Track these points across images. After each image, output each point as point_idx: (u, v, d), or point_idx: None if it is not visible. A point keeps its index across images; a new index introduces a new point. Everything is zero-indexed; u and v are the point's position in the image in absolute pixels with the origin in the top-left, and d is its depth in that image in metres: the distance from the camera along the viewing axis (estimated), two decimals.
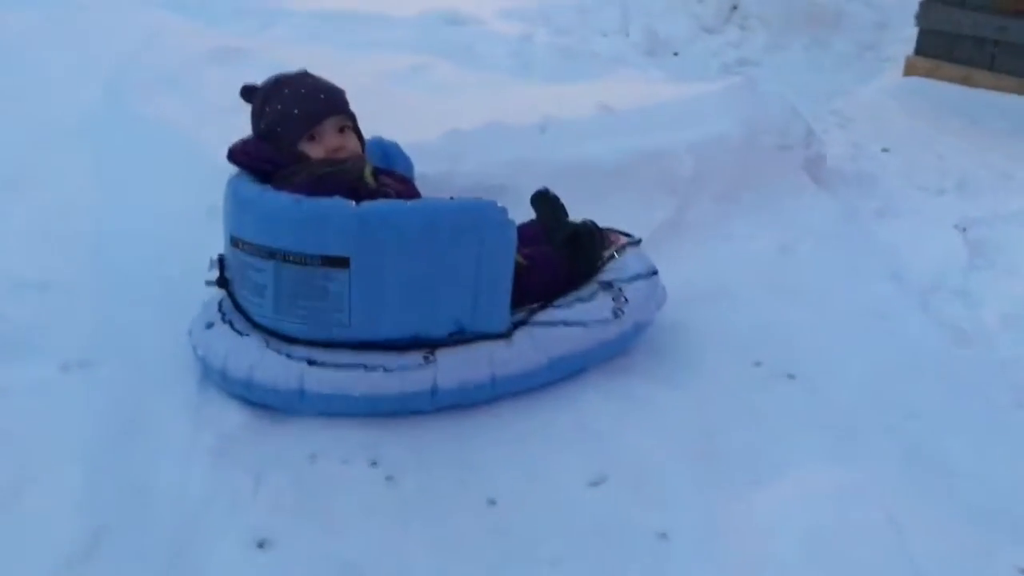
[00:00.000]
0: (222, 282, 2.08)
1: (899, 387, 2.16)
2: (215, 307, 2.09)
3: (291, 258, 1.91)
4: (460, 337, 2.00)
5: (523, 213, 2.38)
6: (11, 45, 3.89)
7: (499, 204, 1.99)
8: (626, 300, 2.17)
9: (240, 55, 4.19)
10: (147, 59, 3.96)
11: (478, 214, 1.96)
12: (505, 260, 2.01)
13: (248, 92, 2.16)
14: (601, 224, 2.46)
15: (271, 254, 1.93)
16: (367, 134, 2.57)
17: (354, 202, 1.92)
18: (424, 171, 2.71)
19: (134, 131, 3.22)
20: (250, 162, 2.08)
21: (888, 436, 1.98)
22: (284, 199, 1.93)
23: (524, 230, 2.27)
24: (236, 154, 2.11)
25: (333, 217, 1.89)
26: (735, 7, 5.78)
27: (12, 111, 3.27)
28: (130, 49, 4.06)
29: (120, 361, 2.11)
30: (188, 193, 2.73)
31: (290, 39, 4.93)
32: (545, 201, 2.34)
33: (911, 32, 5.20)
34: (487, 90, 3.80)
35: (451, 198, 2.15)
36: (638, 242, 2.40)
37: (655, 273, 2.30)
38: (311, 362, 1.93)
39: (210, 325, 2.05)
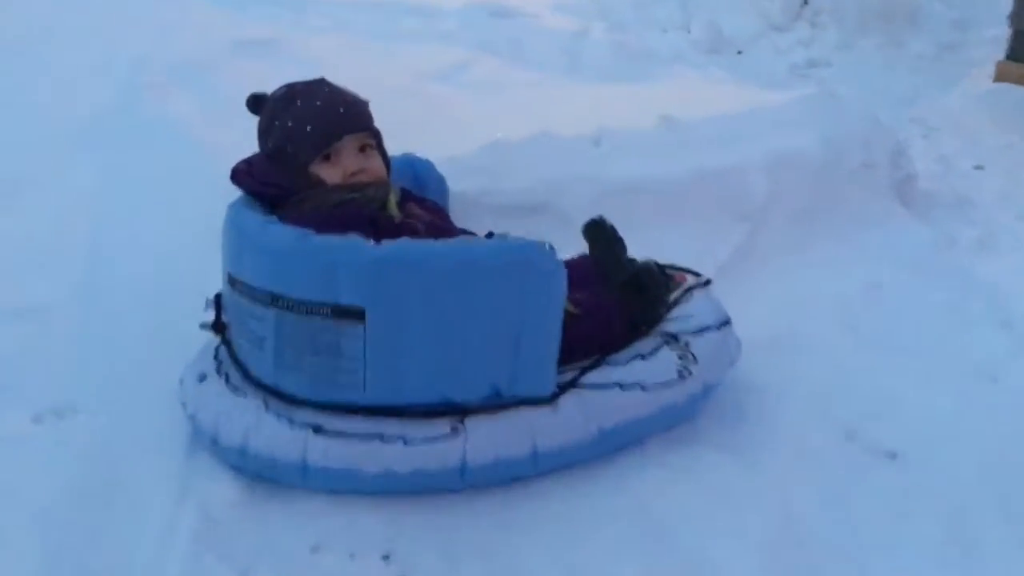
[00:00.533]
0: (219, 327, 1.77)
1: None
2: (211, 355, 1.79)
3: (295, 306, 1.60)
4: (496, 402, 1.67)
5: (572, 238, 2.06)
6: (19, 35, 3.61)
7: (547, 246, 1.66)
8: (694, 358, 1.83)
9: (268, 47, 3.92)
10: (166, 52, 3.68)
11: (521, 258, 1.63)
12: (552, 313, 1.67)
13: (255, 103, 1.84)
14: (662, 259, 2.13)
15: (272, 300, 1.62)
16: (400, 144, 2.25)
17: (372, 240, 1.60)
18: (462, 188, 2.40)
19: (146, 134, 2.93)
20: (254, 186, 1.77)
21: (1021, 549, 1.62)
22: (289, 234, 1.61)
23: (574, 267, 1.94)
24: (239, 175, 1.80)
25: (346, 259, 1.57)
26: (805, 2, 5.38)
27: (14, 110, 2.99)
28: (149, 40, 3.79)
29: (101, 411, 1.82)
30: (201, 208, 2.40)
31: (324, 29, 4.64)
32: (600, 232, 2.00)
33: (994, 32, 4.78)
34: (535, 92, 3.47)
35: (489, 234, 1.84)
36: (707, 283, 2.05)
37: (728, 323, 1.95)
38: (317, 430, 1.62)
39: (203, 377, 1.75)
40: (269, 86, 1.96)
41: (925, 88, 4.62)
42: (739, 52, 5.15)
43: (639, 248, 2.06)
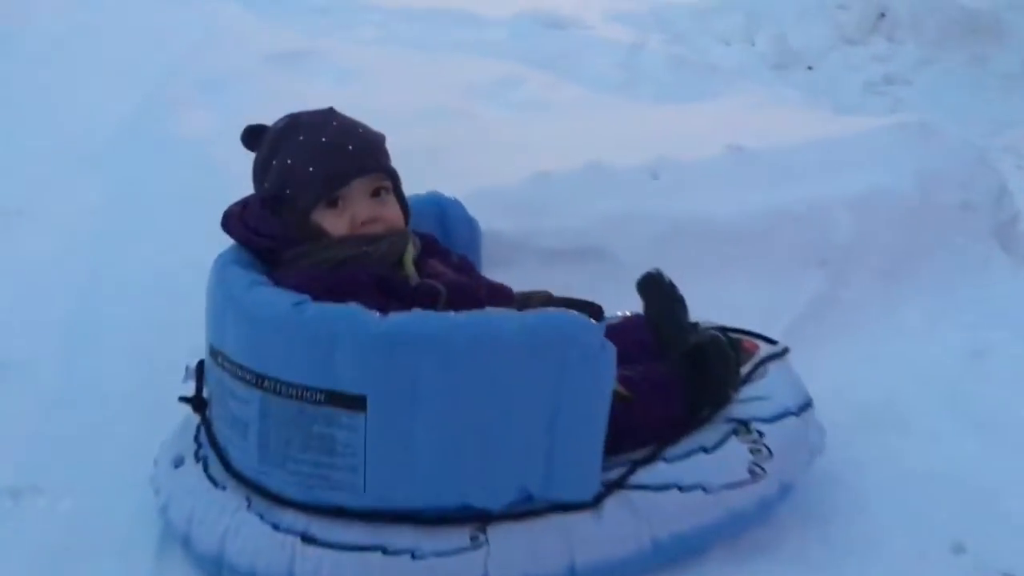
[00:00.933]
0: (199, 402, 1.50)
1: None
2: (191, 434, 1.51)
3: (284, 389, 1.31)
4: (526, 508, 1.37)
5: (625, 290, 1.75)
6: (43, 45, 3.41)
7: (591, 321, 1.36)
8: (768, 451, 1.51)
9: (306, 59, 3.69)
10: (195, 64, 3.47)
11: (559, 336, 1.33)
12: (596, 401, 1.37)
13: (252, 136, 1.56)
14: (727, 313, 1.83)
15: (257, 380, 1.34)
16: (437, 171, 1.99)
17: (379, 311, 1.31)
18: (500, 227, 2.12)
19: (161, 155, 2.70)
20: (247, 235, 1.50)
21: None
22: (279, 301, 1.33)
23: (626, 331, 1.64)
24: (231, 221, 1.53)
25: (345, 335, 1.28)
26: (882, 15, 4.99)
27: (24, 129, 2.77)
28: (181, 50, 3.57)
29: (66, 492, 1.58)
30: (211, 246, 2.17)
31: (368, 40, 4.41)
32: (658, 291, 1.69)
33: None
34: (586, 112, 3.17)
35: (524, 300, 1.54)
36: (783, 353, 1.73)
37: (809, 405, 1.63)
38: (306, 538, 1.33)
39: (179, 462, 1.48)
40: (301, 102, 1.67)
41: (1016, 111, 4.23)
42: (809, 68, 4.80)
43: (701, 301, 1.76)
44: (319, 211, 1.47)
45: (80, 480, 1.59)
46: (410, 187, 1.82)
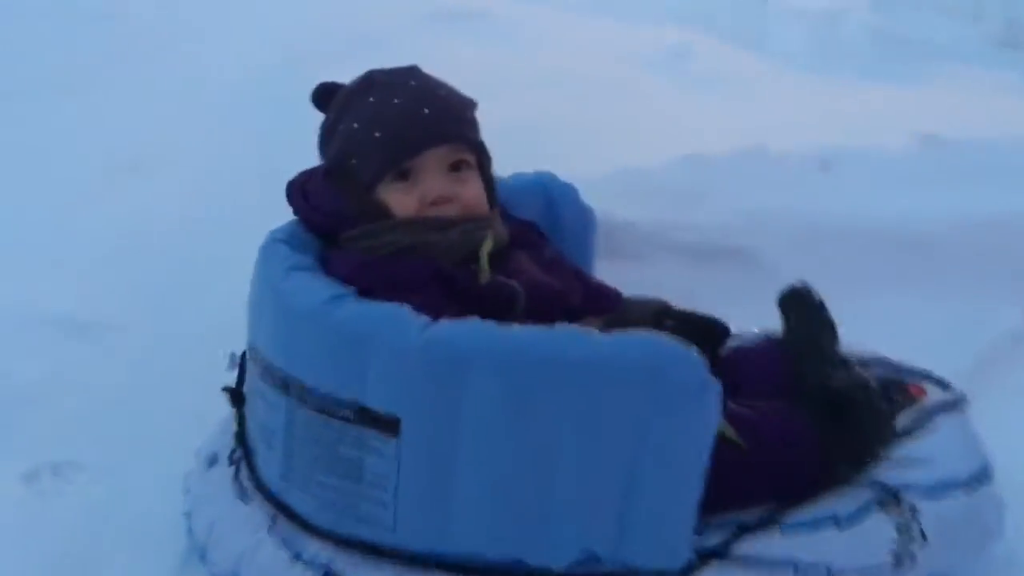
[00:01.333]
0: (237, 396, 1.31)
1: None
2: (232, 431, 1.34)
3: (310, 399, 1.11)
4: (592, 570, 1.11)
5: (769, 299, 1.43)
6: None
7: (694, 351, 1.07)
8: (922, 535, 1.18)
9: (465, 21, 3.50)
10: (354, 17, 3.33)
11: (647, 367, 1.05)
12: (690, 451, 1.08)
13: (323, 96, 1.36)
14: (893, 341, 1.49)
15: (284, 385, 1.14)
16: (568, 151, 1.75)
17: (430, 315, 1.08)
18: (634, 217, 1.88)
19: (297, 114, 2.55)
20: (306, 211, 1.30)
21: None
22: (315, 293, 1.12)
23: (756, 356, 1.34)
24: (294, 191, 1.33)
25: (380, 343, 1.05)
26: None
27: (160, 75, 2.72)
28: (339, 3, 3.46)
29: (105, 475, 1.45)
30: None
31: (540, 1, 4.16)
32: (802, 311, 1.36)
33: None
34: (761, 89, 2.83)
35: (627, 311, 1.28)
36: (959, 402, 1.37)
37: (986, 475, 1.27)
38: (328, 575, 1.13)
39: (213, 461, 1.31)
40: (446, 64, 1.45)
41: None
42: None
43: (860, 323, 1.41)
44: (385, 185, 1.25)
45: (125, 463, 1.45)
46: (539, 164, 1.58)
